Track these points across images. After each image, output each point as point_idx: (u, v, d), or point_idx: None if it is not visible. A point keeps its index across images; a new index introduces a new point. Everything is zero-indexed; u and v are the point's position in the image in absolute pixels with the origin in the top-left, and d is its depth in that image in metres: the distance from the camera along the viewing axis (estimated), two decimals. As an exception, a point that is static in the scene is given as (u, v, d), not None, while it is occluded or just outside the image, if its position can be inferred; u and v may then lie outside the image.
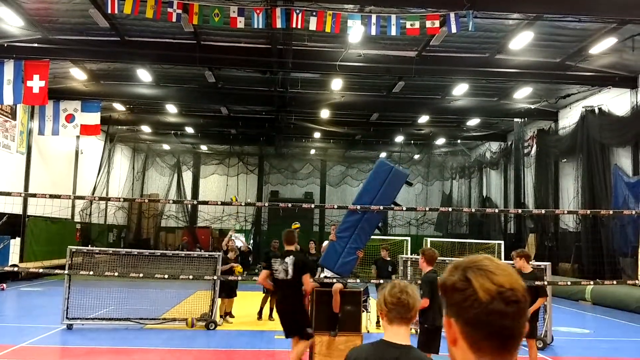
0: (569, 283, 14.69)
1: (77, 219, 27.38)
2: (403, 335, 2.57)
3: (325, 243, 8.62)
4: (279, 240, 14.48)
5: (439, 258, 7.07)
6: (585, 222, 20.59)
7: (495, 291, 1.20)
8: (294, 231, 7.65)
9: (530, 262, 8.99)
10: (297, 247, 7.58)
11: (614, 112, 19.77)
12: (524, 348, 8.61)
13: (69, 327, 11.31)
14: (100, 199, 17.63)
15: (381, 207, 8.33)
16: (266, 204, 13.90)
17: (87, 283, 13.44)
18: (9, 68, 16.74)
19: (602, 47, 16.58)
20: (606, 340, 12.34)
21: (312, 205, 8.60)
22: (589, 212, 14.50)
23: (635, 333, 13.45)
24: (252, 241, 31.88)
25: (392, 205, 8.70)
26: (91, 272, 10.69)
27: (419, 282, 7.32)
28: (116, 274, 10.78)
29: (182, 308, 13.24)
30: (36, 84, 16.67)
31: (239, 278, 12.61)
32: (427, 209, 19.95)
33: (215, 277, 11.59)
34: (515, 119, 25.30)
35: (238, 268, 12.63)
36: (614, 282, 12.04)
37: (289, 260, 7.04)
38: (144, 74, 20.19)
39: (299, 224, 12.11)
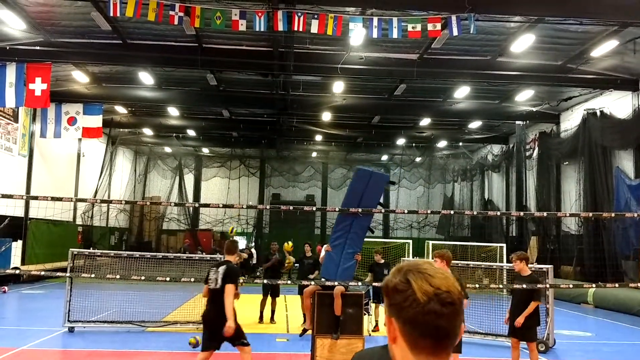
0: (571, 286, 14.68)
1: (78, 221, 27.42)
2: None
3: (323, 254, 8.59)
4: (278, 243, 14.49)
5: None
6: (587, 224, 20.56)
7: (433, 293, 1.29)
8: (235, 241, 7.47)
9: (531, 265, 8.98)
10: (239, 256, 7.35)
11: (616, 115, 19.76)
12: (524, 351, 8.60)
13: (71, 329, 11.31)
14: (102, 201, 17.64)
15: (382, 210, 8.33)
16: (268, 207, 13.90)
17: (88, 286, 13.45)
18: (11, 71, 16.78)
19: (604, 49, 16.58)
20: (608, 343, 12.30)
21: (314, 208, 8.67)
22: (591, 214, 14.47)
23: (638, 336, 13.42)
24: (253, 244, 31.87)
25: (381, 208, 8.75)
26: (93, 275, 10.69)
27: None
28: (118, 276, 10.78)
29: (184, 311, 13.22)
30: (38, 86, 16.70)
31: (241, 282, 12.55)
32: (428, 211, 19.98)
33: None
34: (517, 122, 25.30)
35: None
36: (616, 285, 12.00)
37: (221, 269, 6.86)
38: (145, 77, 20.23)
39: (234, 227, 12.16)
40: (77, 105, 21.42)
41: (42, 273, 14.63)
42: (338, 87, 20.62)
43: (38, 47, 17.27)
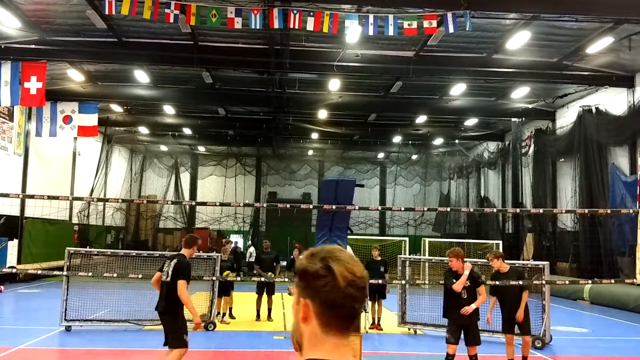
0: (567, 282, 14.74)
1: (74, 220, 27.35)
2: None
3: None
4: (275, 241, 14.48)
5: (439, 259, 7.56)
6: (583, 221, 20.63)
7: (351, 278, 1.42)
8: (195, 236, 7.28)
9: (527, 261, 9.09)
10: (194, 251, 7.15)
11: (611, 112, 19.83)
12: (518, 346, 8.65)
13: (68, 329, 11.28)
14: (99, 199, 17.62)
15: (379, 208, 8.36)
16: (265, 205, 13.87)
17: (85, 285, 13.40)
18: (6, 69, 16.71)
19: (599, 46, 16.62)
20: (604, 339, 12.36)
21: (311, 206, 8.69)
22: (587, 211, 14.54)
23: (634, 332, 13.48)
24: (249, 242, 31.85)
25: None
26: (90, 274, 10.67)
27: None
28: (115, 275, 10.76)
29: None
30: (33, 85, 16.64)
31: (237, 279, 12.63)
32: (425, 208, 20.01)
33: (214, 278, 11.59)
34: (513, 119, 25.35)
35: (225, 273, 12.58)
36: (612, 281, 12.07)
37: (173, 262, 6.78)
38: (141, 75, 20.18)
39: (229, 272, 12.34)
40: (72, 104, 21.35)
41: (39, 272, 14.58)
42: (334, 84, 20.61)
43: (33, 46, 17.21)
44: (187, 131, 29.58)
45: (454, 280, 7.37)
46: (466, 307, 7.31)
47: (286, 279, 12.18)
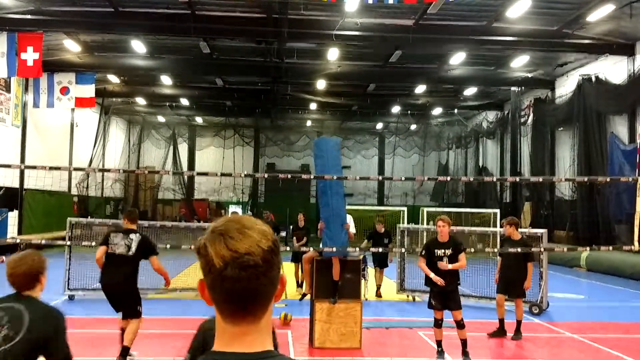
0: (565, 249, 14.88)
1: (74, 191, 27.40)
2: None
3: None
4: (274, 212, 14.54)
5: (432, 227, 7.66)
6: (580, 190, 20.74)
7: (230, 257, 1.19)
8: (136, 211, 7.83)
9: (525, 229, 9.24)
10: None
11: (611, 80, 19.75)
12: (510, 312, 8.82)
13: (71, 297, 11.43)
14: (100, 170, 17.61)
15: (380, 177, 8.38)
16: (265, 175, 13.84)
17: (87, 255, 13.51)
18: (2, 40, 16.53)
19: (600, 14, 16.47)
20: (600, 305, 12.56)
21: (311, 176, 8.70)
22: (585, 179, 14.61)
23: (629, 298, 13.68)
24: (249, 213, 31.98)
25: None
26: (93, 244, 10.75)
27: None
28: (117, 244, 10.82)
29: (184, 278, 13.37)
30: (30, 56, 16.49)
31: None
32: (424, 178, 20.04)
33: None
34: (512, 88, 25.26)
35: None
36: (610, 248, 12.20)
37: (135, 237, 6.99)
38: (138, 45, 19.99)
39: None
40: (69, 74, 21.18)
41: (42, 242, 14.67)
42: (333, 54, 20.45)
43: (29, 16, 17.01)
44: (184, 102, 29.43)
45: (437, 252, 7.35)
46: (442, 263, 7.30)
47: (287, 248, 12.30)
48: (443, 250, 7.40)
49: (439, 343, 7.55)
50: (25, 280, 3.34)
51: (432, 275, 7.31)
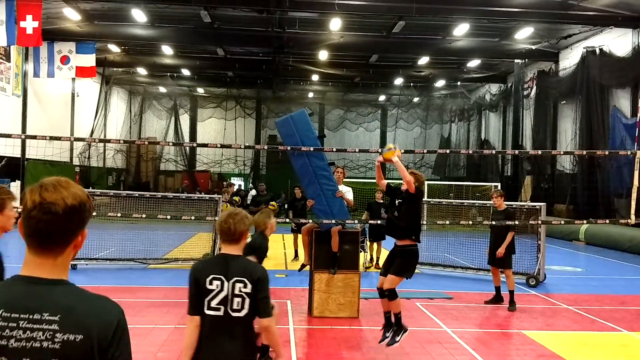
0: (562, 222, 14.98)
1: (75, 162, 27.45)
2: (234, 250, 3.31)
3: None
4: (275, 184, 14.60)
5: (438, 200, 7.42)
6: (581, 164, 20.73)
7: (38, 202, 1.54)
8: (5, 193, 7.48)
9: (525, 202, 9.31)
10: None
11: (615, 53, 19.56)
12: (505, 282, 8.92)
13: (74, 267, 11.56)
14: (100, 140, 17.62)
15: (380, 150, 8.37)
16: (265, 147, 13.92)
17: (89, 225, 13.64)
18: (1, 8, 16.39)
19: (606, -15, 16.23)
20: (597, 278, 12.68)
21: (311, 149, 8.69)
22: (584, 152, 14.59)
23: (626, 271, 13.81)
24: (251, 185, 32.06)
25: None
26: (94, 214, 10.83)
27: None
28: (119, 214, 10.93)
29: (185, 249, 13.51)
30: (29, 24, 16.36)
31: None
32: (425, 151, 20.04)
33: (216, 218, 11.77)
34: (516, 60, 25.02)
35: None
36: (607, 221, 12.27)
37: None
38: (138, 14, 19.79)
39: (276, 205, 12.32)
40: (69, 43, 21.04)
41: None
42: (335, 24, 20.23)
43: (27, -17, 16.79)
44: (185, 72, 29.25)
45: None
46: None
47: (287, 220, 12.39)
48: None
49: None
50: None
51: None
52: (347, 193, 8.62)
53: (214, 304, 3.15)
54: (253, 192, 22.28)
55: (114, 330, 1.56)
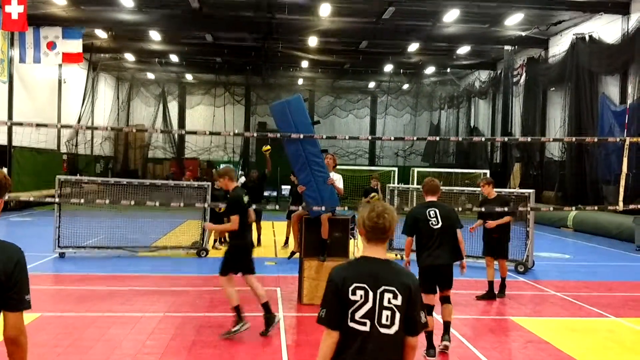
0: (551, 209, 15.05)
1: (63, 149, 27.18)
2: (381, 252, 2.75)
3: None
4: (265, 173, 14.57)
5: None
6: (570, 151, 20.82)
7: None
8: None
9: (513, 190, 9.30)
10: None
11: (605, 40, 19.59)
12: (496, 271, 8.98)
13: (61, 255, 11.48)
14: (88, 128, 17.43)
15: (370, 137, 8.32)
16: (255, 135, 13.78)
17: (77, 213, 13.51)
18: (-16, -8, 16.09)
19: (597, -29, 16.21)
20: (585, 264, 12.78)
21: (301, 136, 8.64)
22: (574, 139, 14.67)
23: (614, 258, 13.93)
24: (241, 172, 31.94)
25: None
26: (82, 201, 10.73)
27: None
28: (107, 201, 10.82)
29: (174, 236, 13.43)
30: (14, 9, 16.08)
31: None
32: (414, 138, 20.03)
33: (205, 205, 11.71)
34: (506, 47, 25.01)
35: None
36: (595, 207, 12.35)
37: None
38: (125, -1, 19.52)
39: (270, 147, 12.17)
40: (56, 29, 20.74)
41: (31, 199, 14.65)
42: (325, 9, 20.08)
43: (11, -33, 16.48)
44: (174, 58, 28.97)
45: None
46: None
47: (277, 207, 12.34)
48: None
49: None
50: None
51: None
52: (338, 181, 8.58)
53: (358, 316, 2.63)
54: (242, 179, 22.21)
55: (14, 264, 2.46)
